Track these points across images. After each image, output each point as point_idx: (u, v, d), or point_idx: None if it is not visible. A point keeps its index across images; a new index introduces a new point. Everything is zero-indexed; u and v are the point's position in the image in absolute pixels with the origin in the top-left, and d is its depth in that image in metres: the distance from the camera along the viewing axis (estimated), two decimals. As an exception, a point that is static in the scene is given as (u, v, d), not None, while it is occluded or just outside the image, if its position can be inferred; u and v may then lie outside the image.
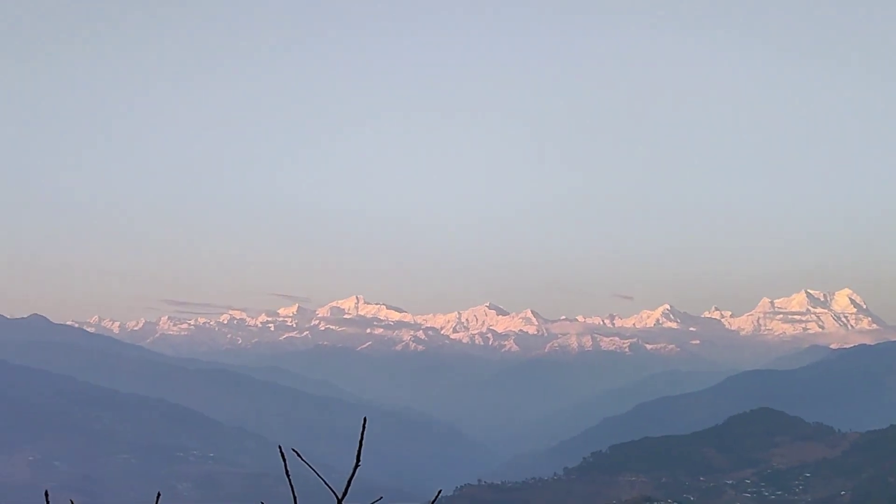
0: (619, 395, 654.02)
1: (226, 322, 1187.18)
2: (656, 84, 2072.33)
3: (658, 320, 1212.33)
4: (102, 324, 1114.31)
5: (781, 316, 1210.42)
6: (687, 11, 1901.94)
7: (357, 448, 5.25)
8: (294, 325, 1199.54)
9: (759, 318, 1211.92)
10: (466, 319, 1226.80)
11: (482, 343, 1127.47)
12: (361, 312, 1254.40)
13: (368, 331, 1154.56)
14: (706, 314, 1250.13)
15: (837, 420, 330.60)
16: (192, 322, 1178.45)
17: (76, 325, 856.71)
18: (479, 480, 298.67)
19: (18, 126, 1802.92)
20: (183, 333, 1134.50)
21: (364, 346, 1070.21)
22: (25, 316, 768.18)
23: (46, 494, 5.26)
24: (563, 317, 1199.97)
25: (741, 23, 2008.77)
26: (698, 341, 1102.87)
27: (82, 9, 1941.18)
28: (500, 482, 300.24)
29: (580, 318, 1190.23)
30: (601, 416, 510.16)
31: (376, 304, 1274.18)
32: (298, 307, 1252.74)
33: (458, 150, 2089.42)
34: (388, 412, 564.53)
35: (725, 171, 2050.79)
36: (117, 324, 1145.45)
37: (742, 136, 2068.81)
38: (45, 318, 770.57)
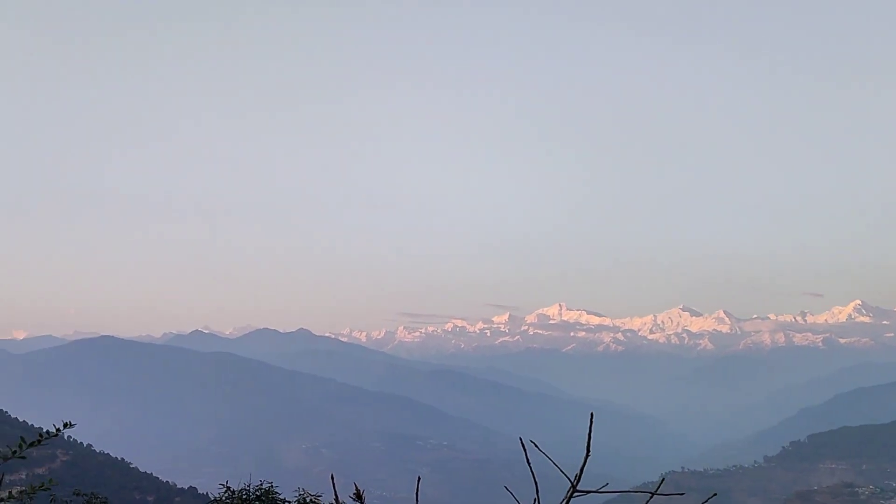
0: (814, 387, 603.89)
1: (450, 330, 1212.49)
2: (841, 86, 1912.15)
3: (850, 315, 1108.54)
4: (353, 334, 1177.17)
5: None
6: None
7: (587, 440, 5.44)
8: (507, 331, 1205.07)
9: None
10: (662, 321, 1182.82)
11: (678, 342, 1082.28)
12: (564, 318, 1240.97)
13: (572, 334, 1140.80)
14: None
15: None
16: (422, 331, 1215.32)
17: (332, 336, 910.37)
18: (683, 468, 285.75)
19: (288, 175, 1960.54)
20: (416, 340, 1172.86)
21: (568, 347, 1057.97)
22: (294, 330, 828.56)
23: (332, 478, 5.61)
24: (755, 316, 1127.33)
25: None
26: (893, 334, 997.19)
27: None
28: (702, 469, 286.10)
29: (772, 317, 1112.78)
30: (797, 408, 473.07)
31: (577, 310, 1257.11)
32: (510, 315, 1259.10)
33: (654, 164, 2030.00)
34: (595, 406, 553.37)
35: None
36: (364, 334, 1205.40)
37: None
38: (308, 331, 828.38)
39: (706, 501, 6.39)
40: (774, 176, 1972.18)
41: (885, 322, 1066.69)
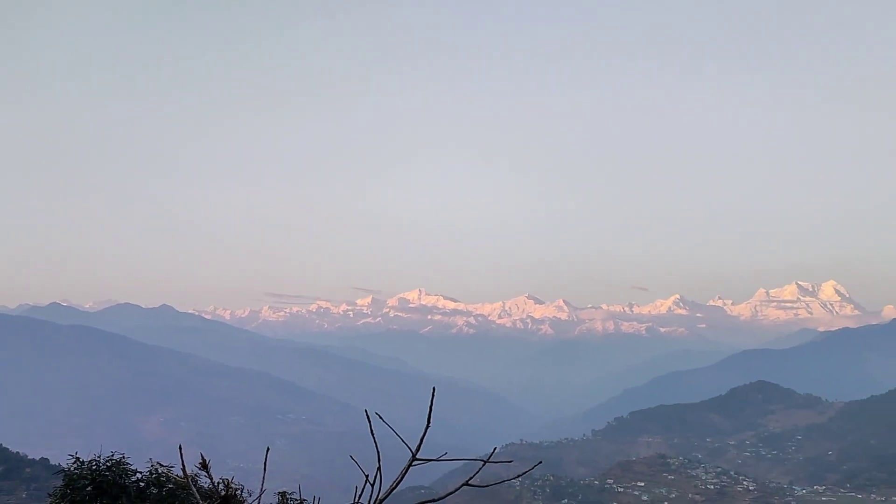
0: (637, 370, 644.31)
1: (315, 310, 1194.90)
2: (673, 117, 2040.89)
3: (670, 308, 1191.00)
4: (217, 312, 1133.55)
5: (775, 303, 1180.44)
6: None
7: (428, 412, 5.48)
8: (369, 313, 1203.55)
9: (756, 306, 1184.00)
10: (509, 307, 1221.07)
11: (522, 327, 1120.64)
12: (423, 302, 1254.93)
13: (429, 317, 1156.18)
14: (711, 302, 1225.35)
15: (825, 392, 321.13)
16: (288, 310, 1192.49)
17: (196, 313, 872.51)
18: (521, 440, 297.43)
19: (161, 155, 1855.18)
20: (280, 320, 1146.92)
21: (426, 329, 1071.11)
22: (156, 306, 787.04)
23: (180, 448, 5.51)
24: (590, 305, 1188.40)
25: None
26: (704, 325, 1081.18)
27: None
28: (538, 441, 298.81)
29: (604, 307, 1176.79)
30: (622, 388, 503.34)
31: (435, 295, 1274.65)
32: (373, 298, 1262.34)
33: (506, 166, 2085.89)
34: (446, 383, 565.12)
35: (727, 178, 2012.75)
36: (229, 312, 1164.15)
37: (738, 150, 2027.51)
38: (171, 307, 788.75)
39: (531, 469, 5.92)
40: (609, 185, 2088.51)
41: (699, 315, 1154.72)
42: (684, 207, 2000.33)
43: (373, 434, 5.51)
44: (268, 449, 7.17)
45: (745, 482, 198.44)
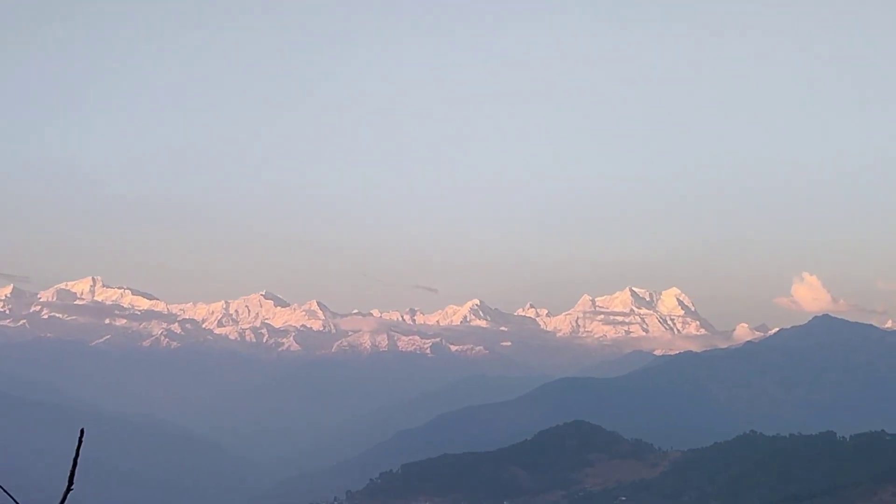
0: (416, 404, 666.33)
1: None
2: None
3: (465, 317, 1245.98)
4: None
5: (603, 316, 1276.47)
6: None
7: (71, 467, 4.88)
8: (7, 311, 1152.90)
9: (578, 318, 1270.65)
10: (236, 311, 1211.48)
11: (255, 340, 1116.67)
12: (99, 298, 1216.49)
13: (107, 321, 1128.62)
14: (520, 312, 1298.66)
15: (658, 436, 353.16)
16: None
17: None
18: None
19: None
20: None
21: (101, 340, 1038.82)
22: None
23: None
24: (356, 310, 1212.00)
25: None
26: (509, 343, 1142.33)
27: None
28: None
29: (375, 313, 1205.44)
30: (394, 430, 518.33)
31: (119, 287, 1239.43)
32: (14, 288, 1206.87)
33: (233, 101, 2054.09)
34: (130, 423, 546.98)
35: (544, 151, 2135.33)
36: None
37: (560, 117, 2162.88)
38: None
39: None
40: (392, 150, 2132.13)
41: (503, 328, 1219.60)
42: (489, 184, 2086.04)
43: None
44: None
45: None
